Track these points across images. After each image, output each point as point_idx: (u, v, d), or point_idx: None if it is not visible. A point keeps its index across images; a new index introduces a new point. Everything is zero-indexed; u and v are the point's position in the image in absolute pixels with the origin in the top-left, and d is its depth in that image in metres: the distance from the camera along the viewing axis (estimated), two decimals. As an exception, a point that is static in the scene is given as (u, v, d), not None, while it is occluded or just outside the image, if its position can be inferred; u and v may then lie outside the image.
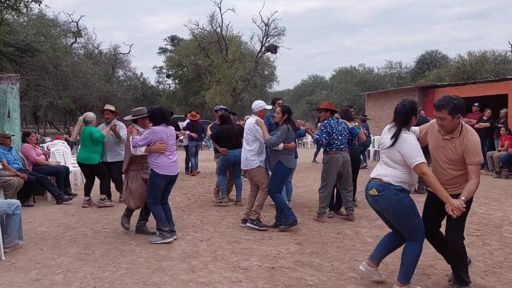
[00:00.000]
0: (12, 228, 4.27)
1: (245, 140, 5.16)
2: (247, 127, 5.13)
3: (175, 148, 4.76)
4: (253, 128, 5.03)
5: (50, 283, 3.47)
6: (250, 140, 5.07)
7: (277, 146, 4.88)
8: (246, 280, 3.51)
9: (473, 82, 12.91)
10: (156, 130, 4.54)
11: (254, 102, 5.38)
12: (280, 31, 29.88)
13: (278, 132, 4.93)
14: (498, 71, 22.54)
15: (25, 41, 17.93)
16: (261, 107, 5.19)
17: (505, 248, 4.30)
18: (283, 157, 4.95)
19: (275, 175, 4.99)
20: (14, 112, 7.82)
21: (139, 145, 4.51)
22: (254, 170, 5.08)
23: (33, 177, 6.55)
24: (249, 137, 5.08)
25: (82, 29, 30.53)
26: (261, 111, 5.18)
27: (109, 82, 30.17)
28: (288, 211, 4.97)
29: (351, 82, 38.67)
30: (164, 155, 4.54)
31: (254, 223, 5.06)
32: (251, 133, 5.05)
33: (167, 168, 4.55)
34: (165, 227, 4.54)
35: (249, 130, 5.08)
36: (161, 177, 4.53)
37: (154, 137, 4.50)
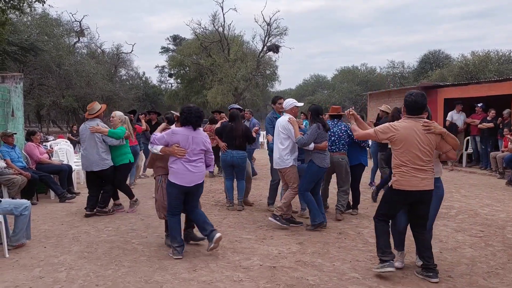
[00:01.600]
0: (19, 228, 4.28)
1: (278, 139, 5.06)
2: (280, 125, 5.04)
3: (201, 157, 4.14)
4: (287, 126, 4.96)
5: (53, 281, 3.49)
6: (283, 139, 4.99)
7: (307, 146, 4.84)
8: (248, 279, 3.52)
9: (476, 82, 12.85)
10: (175, 131, 4.09)
11: (285, 100, 5.27)
12: (282, 30, 29.88)
13: (308, 132, 4.90)
14: (502, 71, 22.42)
15: (29, 41, 17.97)
16: (292, 104, 5.10)
17: (508, 250, 4.29)
18: (315, 156, 4.92)
19: (306, 174, 4.96)
20: (18, 111, 7.86)
21: (156, 143, 4.11)
22: (287, 170, 5.00)
23: (36, 175, 6.58)
24: (282, 135, 4.99)
25: (85, 29, 30.58)
26: (292, 108, 5.10)
27: (112, 81, 30.20)
28: (316, 212, 4.92)
29: (353, 81, 38.57)
30: (180, 161, 4.00)
31: (277, 218, 4.99)
32: (284, 132, 4.97)
33: (182, 176, 4.00)
34: (174, 243, 4.06)
35: (282, 128, 5.00)
36: (172, 185, 4.03)
37: (170, 139, 4.04)
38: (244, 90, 29.74)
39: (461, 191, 7.50)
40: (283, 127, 5.00)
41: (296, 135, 4.88)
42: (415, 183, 3.37)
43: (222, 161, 6.26)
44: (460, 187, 8.07)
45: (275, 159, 5.11)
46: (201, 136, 4.11)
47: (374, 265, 3.73)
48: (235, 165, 6.06)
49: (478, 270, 3.69)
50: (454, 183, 8.53)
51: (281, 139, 5.02)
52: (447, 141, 3.39)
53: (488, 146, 10.21)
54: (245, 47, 32.43)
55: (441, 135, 3.37)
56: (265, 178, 9.53)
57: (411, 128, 3.39)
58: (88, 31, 31.22)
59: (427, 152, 3.36)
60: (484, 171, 10.11)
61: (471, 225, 5.28)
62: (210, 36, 30.42)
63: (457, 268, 3.76)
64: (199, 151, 4.07)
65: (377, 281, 3.47)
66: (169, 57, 39.42)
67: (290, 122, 4.95)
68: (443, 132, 3.38)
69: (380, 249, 3.55)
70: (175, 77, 39.80)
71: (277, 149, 5.07)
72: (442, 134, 3.37)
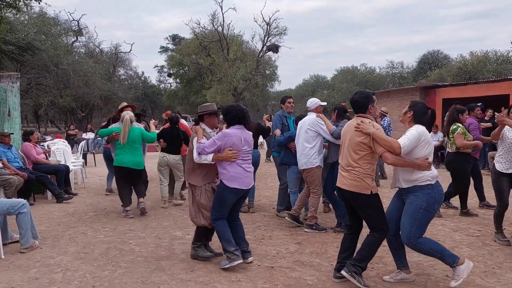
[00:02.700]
0: (23, 228, 4.22)
1: (304, 139, 4.91)
2: (308, 123, 4.92)
3: (250, 157, 3.93)
4: (315, 122, 4.87)
5: (49, 282, 3.47)
6: (311, 137, 4.88)
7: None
8: (245, 279, 3.51)
9: (474, 82, 12.87)
10: (227, 133, 3.74)
11: (308, 100, 5.25)
12: (281, 30, 29.90)
13: (341, 125, 4.83)
14: (500, 71, 22.47)
15: (26, 40, 17.93)
16: (317, 103, 5.11)
17: (505, 249, 4.28)
18: None
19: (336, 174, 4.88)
20: (14, 111, 7.83)
21: (206, 152, 3.72)
22: (312, 170, 4.86)
23: (33, 176, 6.55)
24: (310, 133, 4.88)
25: (83, 28, 30.55)
26: (317, 107, 5.10)
27: (110, 81, 30.18)
28: (344, 214, 4.84)
29: (353, 81, 38.64)
30: (236, 164, 3.74)
31: (313, 227, 4.92)
32: (313, 129, 4.87)
33: (240, 180, 3.74)
34: (230, 247, 3.71)
35: (310, 126, 4.88)
36: (231, 190, 3.73)
37: (224, 142, 3.71)
38: (244, 90, 29.74)
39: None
40: (312, 124, 4.89)
41: (329, 127, 4.84)
42: (341, 180, 3.39)
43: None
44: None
45: (301, 159, 4.96)
46: (249, 135, 3.88)
47: (372, 265, 3.73)
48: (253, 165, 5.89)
49: (475, 269, 3.68)
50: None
51: (308, 138, 4.89)
52: (378, 142, 3.16)
53: (486, 146, 10.22)
54: (244, 47, 32.45)
55: (369, 135, 3.17)
56: (258, 178, 9.53)
57: (348, 125, 3.41)
58: (86, 30, 31.19)
59: (355, 151, 3.25)
60: (482, 170, 10.10)
61: (469, 224, 5.28)
62: (210, 36, 30.42)
63: (455, 268, 3.75)
64: (247, 151, 3.83)
65: (375, 280, 3.47)
66: (168, 57, 39.41)
67: (320, 117, 4.91)
68: (370, 132, 3.15)
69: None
70: (174, 77, 39.80)
71: (302, 149, 4.94)
72: (369, 134, 3.16)
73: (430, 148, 3.20)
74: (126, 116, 5.67)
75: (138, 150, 5.73)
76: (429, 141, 3.19)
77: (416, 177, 3.17)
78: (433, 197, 3.18)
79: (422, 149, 3.15)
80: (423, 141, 3.14)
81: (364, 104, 3.35)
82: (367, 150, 3.22)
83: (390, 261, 3.89)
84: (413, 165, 3.14)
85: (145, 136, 5.81)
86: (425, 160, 3.15)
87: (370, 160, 3.25)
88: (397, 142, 3.12)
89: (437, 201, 3.21)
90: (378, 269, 3.72)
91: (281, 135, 5.45)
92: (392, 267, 3.75)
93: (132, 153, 5.65)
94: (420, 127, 3.20)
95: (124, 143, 5.59)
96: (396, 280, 3.43)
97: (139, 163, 5.74)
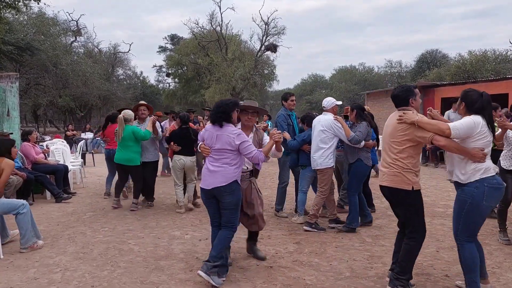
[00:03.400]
0: (24, 228, 4.22)
1: (320, 139, 4.89)
2: (323, 124, 4.88)
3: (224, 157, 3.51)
4: (332, 125, 4.84)
5: (48, 282, 3.46)
6: (328, 138, 4.86)
7: (359, 143, 4.79)
8: (244, 279, 3.51)
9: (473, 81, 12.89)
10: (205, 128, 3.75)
11: (324, 99, 5.20)
12: (280, 30, 29.89)
13: (360, 129, 4.84)
14: (499, 70, 22.48)
15: (25, 40, 17.91)
16: (333, 103, 5.08)
17: (505, 248, 4.29)
18: (363, 155, 4.89)
19: (355, 174, 4.91)
20: (13, 111, 7.82)
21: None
22: (327, 170, 4.88)
23: (32, 175, 6.54)
24: (327, 134, 4.86)
25: (82, 28, 30.50)
26: (334, 107, 5.10)
27: (109, 80, 30.14)
28: (356, 216, 4.90)
29: (351, 81, 38.67)
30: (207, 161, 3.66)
31: (312, 226, 4.92)
32: (329, 131, 4.85)
33: (203, 178, 3.61)
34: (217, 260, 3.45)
35: (327, 127, 4.85)
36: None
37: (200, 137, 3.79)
38: (242, 89, 29.73)
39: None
40: (328, 126, 4.85)
41: (347, 132, 4.78)
42: (381, 177, 3.31)
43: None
44: (457, 186, 8.09)
45: (315, 159, 4.94)
46: (228, 134, 3.47)
47: (371, 264, 3.73)
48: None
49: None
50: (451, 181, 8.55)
51: (325, 139, 4.87)
52: (425, 128, 3.03)
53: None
54: (243, 47, 32.43)
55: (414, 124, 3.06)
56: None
57: (390, 119, 3.34)
58: (85, 30, 31.15)
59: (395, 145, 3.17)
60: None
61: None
62: (208, 35, 30.40)
63: (454, 267, 3.76)
64: (222, 150, 3.49)
65: (374, 280, 3.47)
66: (166, 57, 39.37)
67: (338, 121, 4.86)
68: (414, 121, 3.04)
69: None
70: (172, 77, 39.76)
71: (318, 150, 4.91)
72: (414, 123, 3.04)
73: (487, 140, 2.97)
74: (119, 116, 6.01)
75: (130, 147, 5.94)
76: (485, 133, 2.95)
77: (471, 168, 2.97)
78: (480, 190, 2.94)
79: (478, 141, 2.95)
80: (478, 132, 2.93)
81: (405, 98, 3.24)
82: (408, 143, 3.10)
83: (389, 261, 3.89)
84: (467, 153, 2.96)
85: (136, 134, 5.90)
86: (480, 151, 2.95)
87: (412, 153, 3.12)
88: (445, 124, 2.99)
89: (487, 195, 2.94)
90: (377, 269, 3.73)
91: (293, 139, 5.33)
92: (391, 267, 3.75)
93: (124, 150, 5.97)
94: (476, 117, 2.97)
95: (119, 141, 5.97)
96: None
97: (129, 159, 5.98)
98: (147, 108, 6.33)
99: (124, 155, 6.00)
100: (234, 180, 3.49)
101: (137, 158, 6.04)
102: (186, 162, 5.93)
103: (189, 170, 6.06)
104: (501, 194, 3.04)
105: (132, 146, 5.95)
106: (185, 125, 6.03)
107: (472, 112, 3.01)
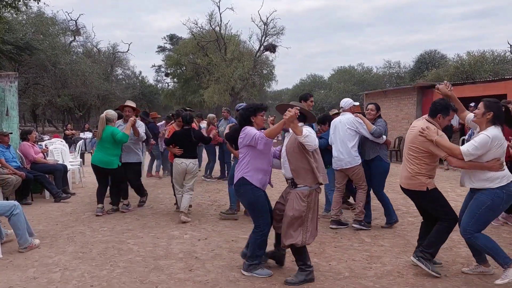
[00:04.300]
0: (20, 229, 4.21)
1: (346, 138, 4.98)
2: (346, 122, 5.02)
3: None
4: (354, 122, 4.97)
5: (47, 282, 3.46)
6: (352, 136, 4.98)
7: (381, 137, 4.93)
8: (243, 279, 3.52)
9: (472, 82, 12.91)
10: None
11: (342, 100, 5.33)
12: (279, 30, 29.94)
13: (379, 124, 4.99)
14: (497, 71, 22.53)
15: (24, 39, 17.89)
16: (351, 103, 5.23)
17: (504, 249, 4.29)
18: (382, 152, 5.03)
19: (378, 172, 5.02)
20: (12, 110, 7.80)
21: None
22: (358, 168, 4.97)
23: (31, 175, 6.54)
24: (350, 131, 4.98)
25: (81, 28, 30.47)
26: (351, 107, 5.23)
27: (108, 80, 30.11)
28: (392, 211, 5.08)
29: (350, 81, 38.70)
30: None
31: (362, 224, 4.98)
32: (352, 128, 4.98)
33: None
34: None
35: (349, 124, 4.98)
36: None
37: None
38: (241, 89, 29.75)
39: (457, 191, 7.52)
40: (351, 123, 4.99)
41: (369, 127, 4.91)
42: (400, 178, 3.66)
43: (233, 169, 5.38)
44: (456, 186, 8.10)
45: (343, 159, 5.01)
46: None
47: (370, 264, 3.74)
48: None
49: (473, 269, 3.70)
50: (449, 182, 8.56)
51: (349, 137, 4.98)
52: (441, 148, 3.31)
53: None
54: (242, 47, 32.45)
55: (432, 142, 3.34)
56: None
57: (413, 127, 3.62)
58: (84, 30, 31.11)
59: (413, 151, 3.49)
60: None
61: (467, 224, 5.29)
62: (207, 36, 30.41)
63: (453, 267, 3.77)
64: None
65: (373, 280, 3.48)
66: (165, 57, 39.36)
67: (359, 117, 5.00)
68: (433, 140, 3.30)
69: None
70: (171, 77, 39.75)
71: (344, 149, 4.99)
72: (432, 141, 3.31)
73: (503, 148, 3.14)
74: (101, 115, 5.76)
75: (108, 149, 5.64)
76: (501, 143, 3.12)
77: (487, 176, 3.18)
78: (500, 197, 3.16)
79: (495, 151, 3.12)
80: (495, 145, 3.10)
81: (435, 110, 3.47)
82: (424, 153, 3.41)
83: (388, 261, 3.92)
84: (481, 167, 3.17)
85: (114, 136, 5.59)
86: (496, 162, 3.12)
87: (427, 162, 3.42)
88: (458, 149, 3.19)
89: (505, 201, 3.20)
90: (376, 269, 3.74)
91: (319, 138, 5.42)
92: (390, 267, 3.78)
93: (101, 152, 5.69)
94: (493, 131, 3.11)
95: (98, 141, 5.76)
96: (475, 273, 3.55)
97: (107, 162, 5.68)
98: (132, 109, 6.06)
99: (101, 156, 5.69)
100: (241, 177, 3.56)
101: (114, 161, 5.73)
102: (188, 165, 5.51)
103: (190, 174, 5.57)
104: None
105: (109, 148, 5.64)
106: (187, 125, 5.65)
107: (495, 123, 3.17)
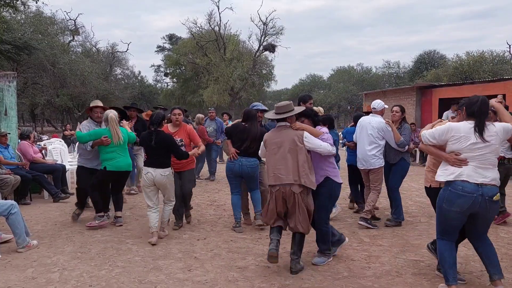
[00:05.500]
0: (18, 227, 4.20)
1: (373, 140, 5.09)
2: (375, 125, 5.10)
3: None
4: (384, 129, 5.07)
5: (46, 282, 3.46)
6: (378, 139, 5.09)
7: (405, 148, 5.08)
8: (243, 279, 3.51)
9: (471, 82, 12.95)
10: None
11: (374, 101, 5.38)
12: (278, 30, 29.96)
13: (404, 132, 5.11)
14: (496, 71, 22.59)
15: (23, 39, 17.84)
16: (383, 106, 5.28)
17: (501, 249, 4.31)
18: (405, 154, 5.22)
19: (399, 171, 5.21)
20: (11, 110, 7.79)
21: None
22: (380, 169, 5.13)
23: (29, 175, 6.52)
24: (377, 135, 5.08)
25: (79, 27, 30.45)
26: (382, 109, 5.29)
27: (107, 80, 30.08)
28: (401, 209, 5.20)
29: (349, 81, 38.75)
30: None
31: (368, 221, 5.07)
32: (381, 133, 5.07)
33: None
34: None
35: (379, 129, 5.07)
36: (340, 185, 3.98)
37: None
38: (240, 89, 29.77)
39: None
40: (380, 129, 5.08)
41: (397, 137, 5.00)
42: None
43: (229, 170, 5.00)
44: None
45: (366, 159, 5.13)
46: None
47: (369, 264, 3.74)
48: (244, 176, 4.94)
49: (471, 269, 3.71)
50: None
51: (377, 140, 5.09)
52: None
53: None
54: (241, 47, 32.46)
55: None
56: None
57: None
58: (83, 29, 31.08)
59: None
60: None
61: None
62: (206, 35, 30.41)
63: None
64: None
65: (372, 280, 3.48)
66: (165, 56, 39.35)
67: (390, 124, 5.06)
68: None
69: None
70: (170, 76, 39.73)
71: (371, 150, 5.10)
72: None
73: (464, 144, 3.00)
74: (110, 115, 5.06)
75: (127, 151, 5.25)
76: (459, 138, 3.03)
77: (441, 170, 3.16)
78: (444, 193, 3.06)
79: (453, 144, 3.06)
80: (452, 136, 3.06)
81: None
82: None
83: (387, 261, 3.91)
84: (440, 155, 3.19)
85: (130, 136, 5.34)
86: (453, 155, 3.06)
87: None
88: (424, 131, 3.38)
89: (446, 199, 3.03)
90: (375, 269, 3.74)
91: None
92: (389, 267, 3.77)
93: (125, 154, 5.21)
94: (457, 124, 3.09)
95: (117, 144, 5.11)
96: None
97: (130, 164, 5.29)
98: (103, 110, 5.38)
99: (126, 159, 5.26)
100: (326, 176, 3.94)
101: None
102: (156, 177, 4.47)
103: (161, 186, 4.57)
104: (465, 202, 2.97)
105: (126, 149, 5.27)
106: (153, 127, 4.55)
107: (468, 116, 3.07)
